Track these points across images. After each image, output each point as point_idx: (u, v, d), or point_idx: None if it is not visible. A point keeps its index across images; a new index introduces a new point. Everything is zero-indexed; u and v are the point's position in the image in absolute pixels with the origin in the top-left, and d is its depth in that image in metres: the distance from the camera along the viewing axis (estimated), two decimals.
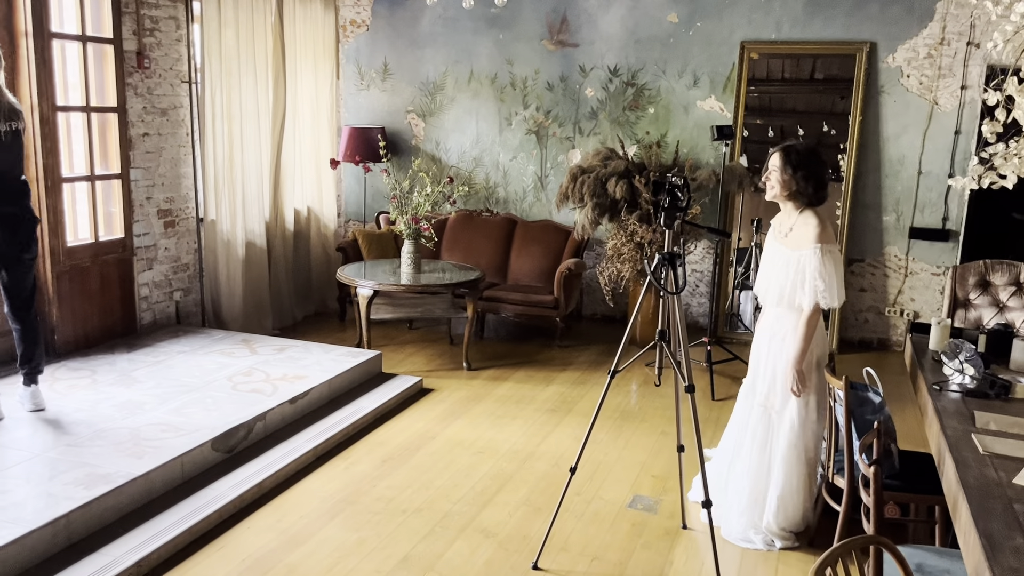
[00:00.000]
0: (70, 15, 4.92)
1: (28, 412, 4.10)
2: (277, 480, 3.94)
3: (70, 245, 5.00)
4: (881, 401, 3.22)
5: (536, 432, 4.71)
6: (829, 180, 3.46)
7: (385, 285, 5.55)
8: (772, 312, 3.56)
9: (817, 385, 3.50)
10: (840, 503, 3.30)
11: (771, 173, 3.43)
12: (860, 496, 3.14)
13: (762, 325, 3.64)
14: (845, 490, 3.26)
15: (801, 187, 3.36)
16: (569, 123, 7.02)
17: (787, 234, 3.45)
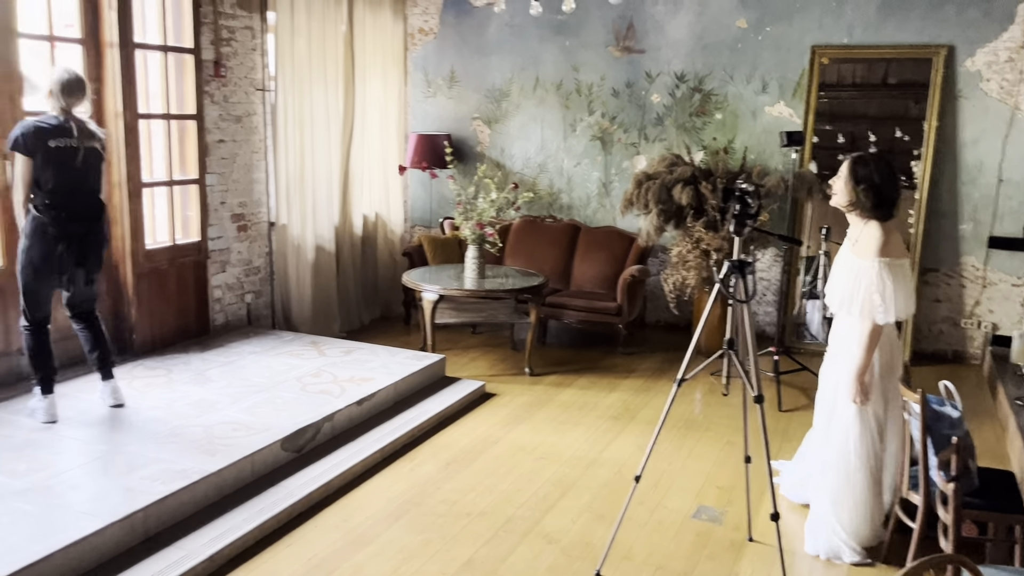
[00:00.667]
0: (152, 26, 5.10)
1: (109, 408, 4.24)
2: (344, 480, 4.01)
3: (149, 248, 5.18)
4: (959, 416, 3.13)
5: (599, 439, 4.69)
6: (898, 198, 3.43)
7: (450, 290, 5.60)
8: (839, 319, 3.57)
9: (883, 396, 3.44)
10: (914, 519, 3.21)
11: (837, 180, 3.47)
12: (936, 513, 3.05)
13: (832, 333, 3.61)
14: (920, 507, 3.16)
15: (862, 201, 3.38)
16: (634, 129, 6.98)
17: (855, 242, 3.47)
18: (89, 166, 4.05)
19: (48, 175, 3.92)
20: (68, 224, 3.98)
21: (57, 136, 3.91)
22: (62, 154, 3.92)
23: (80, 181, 4.02)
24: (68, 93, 3.94)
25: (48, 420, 4.08)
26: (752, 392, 3.18)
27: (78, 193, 4.02)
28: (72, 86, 3.95)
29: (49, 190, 3.92)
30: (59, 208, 3.94)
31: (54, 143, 3.90)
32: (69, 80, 3.95)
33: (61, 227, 3.96)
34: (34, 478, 3.48)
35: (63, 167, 3.93)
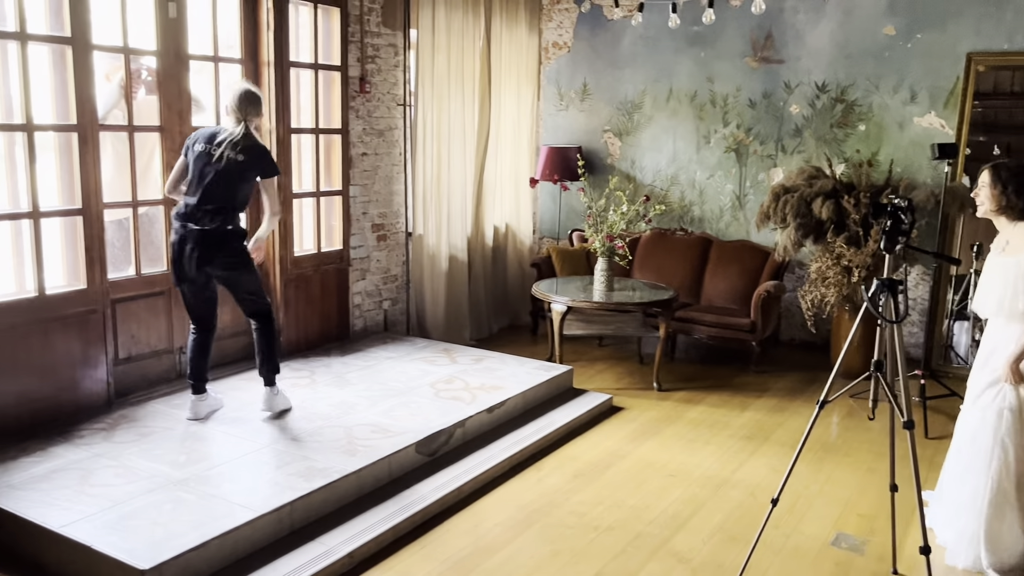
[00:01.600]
0: (305, 45, 5.39)
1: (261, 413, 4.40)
2: (475, 486, 4.10)
3: (296, 255, 5.47)
4: None
5: (731, 459, 4.59)
6: None
7: (578, 302, 5.63)
8: (992, 324, 3.46)
9: None
10: None
11: (981, 189, 3.48)
12: None
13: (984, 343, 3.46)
14: None
15: (1012, 201, 3.37)
16: (771, 141, 6.81)
17: (1004, 248, 3.40)
18: (227, 176, 4.07)
19: (189, 177, 4.13)
20: (181, 225, 4.08)
21: (202, 140, 4.09)
22: (200, 158, 4.08)
23: (212, 186, 4.05)
24: (241, 102, 4.08)
25: (191, 417, 4.28)
26: (902, 417, 3.04)
27: (207, 198, 4.06)
28: (242, 97, 4.10)
29: (185, 191, 4.14)
30: (187, 209, 4.08)
31: (198, 147, 4.09)
32: (240, 92, 4.11)
33: (184, 232, 4.08)
34: (193, 469, 3.74)
35: (197, 172, 4.08)
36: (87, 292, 4.28)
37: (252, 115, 4.14)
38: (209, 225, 4.07)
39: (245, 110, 4.12)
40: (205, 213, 4.07)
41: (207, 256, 4.11)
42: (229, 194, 4.12)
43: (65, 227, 4.26)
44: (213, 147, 4.07)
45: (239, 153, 4.08)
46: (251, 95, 4.15)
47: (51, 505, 3.34)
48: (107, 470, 3.68)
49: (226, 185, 4.09)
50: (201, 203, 4.08)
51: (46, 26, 4.08)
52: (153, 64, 4.66)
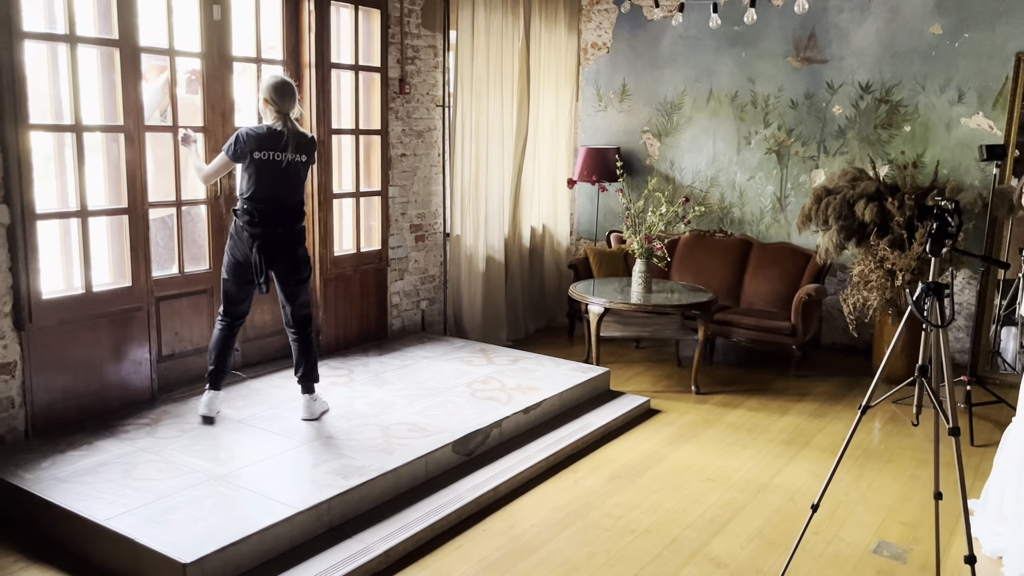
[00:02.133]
0: (346, 47, 5.45)
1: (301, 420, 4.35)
2: (510, 487, 4.10)
3: (336, 255, 5.52)
4: None
5: (770, 464, 4.53)
6: None
7: (616, 303, 5.60)
8: None
9: None
10: None
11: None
12: None
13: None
14: None
15: None
16: (813, 142, 6.72)
17: None
18: (292, 177, 4.17)
19: (251, 183, 4.11)
20: (262, 230, 4.10)
21: (265, 148, 4.06)
22: (266, 166, 4.08)
23: (280, 191, 4.13)
24: (281, 96, 4.06)
25: (206, 414, 4.26)
26: (947, 424, 2.97)
27: (277, 202, 4.12)
28: (284, 89, 4.08)
29: (249, 197, 4.12)
30: (256, 215, 4.10)
31: (259, 155, 4.06)
32: (280, 84, 4.08)
33: (255, 232, 4.11)
34: (233, 465, 3.79)
35: (265, 178, 4.09)
36: (132, 290, 4.37)
37: (292, 107, 4.16)
38: (292, 225, 4.21)
39: (288, 103, 4.13)
40: (284, 216, 4.18)
41: (292, 255, 4.23)
42: (301, 193, 4.29)
43: (111, 226, 4.35)
44: (279, 152, 4.09)
45: (298, 152, 4.17)
46: (290, 87, 4.13)
47: (96, 498, 3.41)
48: (150, 464, 3.75)
49: (298, 186, 4.24)
50: (279, 207, 4.15)
51: (95, 29, 4.17)
52: (197, 66, 4.73)
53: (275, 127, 4.11)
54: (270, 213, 4.13)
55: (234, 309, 4.31)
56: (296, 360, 4.41)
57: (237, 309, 4.32)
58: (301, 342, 4.39)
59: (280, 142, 4.10)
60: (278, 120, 4.12)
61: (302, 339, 4.39)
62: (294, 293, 4.33)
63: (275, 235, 4.16)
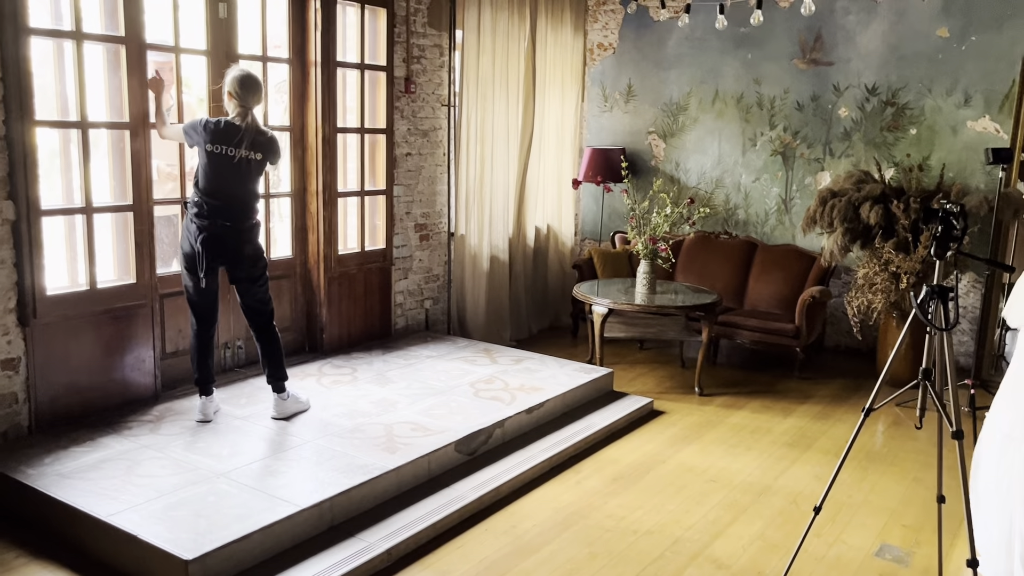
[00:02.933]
0: (352, 45, 5.45)
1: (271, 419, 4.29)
2: (513, 487, 4.10)
3: (341, 254, 5.52)
4: None
5: (772, 466, 4.52)
6: None
7: (620, 304, 5.59)
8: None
9: None
10: None
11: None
12: None
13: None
14: None
15: None
16: (819, 144, 6.70)
17: None
18: (244, 174, 4.09)
19: (202, 175, 4.07)
20: (208, 222, 4.03)
21: (218, 142, 4.02)
22: (218, 160, 4.03)
23: (230, 187, 4.07)
24: (245, 90, 4.02)
25: (200, 419, 4.22)
26: (950, 427, 2.96)
27: (225, 197, 4.06)
28: (249, 83, 4.03)
29: (200, 189, 4.09)
30: (204, 207, 4.03)
31: (211, 147, 4.01)
32: (245, 78, 4.04)
33: (201, 225, 4.04)
34: (235, 462, 3.79)
35: (216, 171, 4.04)
36: (137, 287, 4.38)
37: (256, 102, 4.12)
38: (240, 222, 4.13)
39: (250, 98, 4.07)
40: (232, 211, 4.10)
41: (239, 251, 4.15)
42: (252, 191, 4.21)
43: (116, 222, 4.36)
44: (231, 148, 4.05)
45: (254, 150, 4.11)
46: (255, 81, 4.10)
47: (99, 494, 3.41)
48: (153, 461, 3.76)
49: (249, 183, 4.17)
50: (227, 202, 4.09)
51: (101, 25, 4.18)
52: (204, 63, 4.74)
53: (234, 121, 4.08)
54: (217, 207, 4.06)
55: (195, 308, 4.23)
56: (261, 359, 4.37)
57: (198, 308, 4.22)
58: (262, 341, 4.34)
59: (235, 138, 4.06)
60: (239, 115, 4.08)
61: (263, 337, 4.34)
62: (248, 291, 4.28)
63: (221, 229, 4.08)
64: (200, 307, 4.24)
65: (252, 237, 4.23)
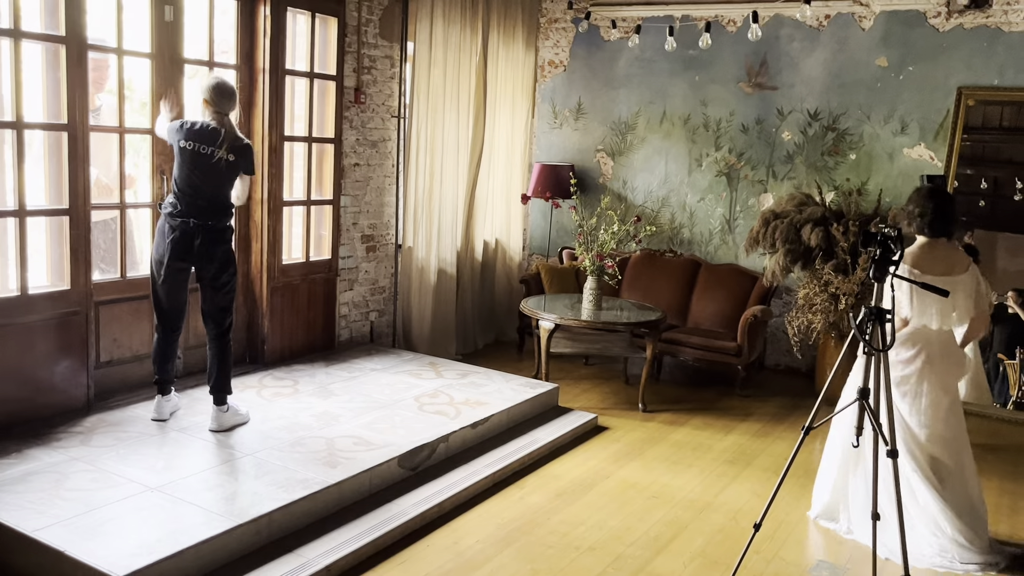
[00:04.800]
0: (301, 53, 5.39)
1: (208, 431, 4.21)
2: (456, 502, 4.06)
3: (284, 263, 5.43)
4: None
5: (713, 483, 4.57)
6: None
7: (566, 319, 5.61)
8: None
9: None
10: None
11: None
12: None
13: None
14: None
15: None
16: (762, 166, 6.85)
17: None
18: (219, 173, 4.09)
19: (177, 173, 4.07)
20: (180, 220, 4.02)
21: (194, 139, 4.02)
22: (193, 157, 4.02)
23: (203, 184, 4.06)
24: (220, 97, 4.05)
25: (156, 418, 4.26)
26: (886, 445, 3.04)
27: (198, 194, 4.05)
28: (223, 90, 4.07)
29: (175, 187, 4.09)
30: (178, 204, 4.04)
31: (185, 144, 4.02)
32: (220, 85, 4.07)
33: (173, 224, 4.03)
34: (170, 476, 3.68)
35: (190, 169, 4.03)
36: (70, 293, 4.24)
37: (231, 109, 4.14)
38: (211, 221, 4.11)
39: (226, 104, 4.09)
40: (204, 210, 4.08)
41: (208, 251, 4.11)
42: (226, 192, 4.20)
43: (51, 227, 4.22)
44: (208, 147, 4.04)
45: (230, 152, 4.10)
46: (229, 88, 4.12)
47: (24, 508, 3.28)
48: (83, 474, 3.63)
49: (223, 183, 4.16)
50: (200, 200, 4.08)
51: (41, 24, 4.06)
52: (147, 67, 4.63)
53: (212, 124, 4.09)
54: (190, 205, 4.06)
55: (160, 311, 4.22)
56: (209, 369, 4.30)
57: (162, 311, 4.22)
58: (216, 349, 4.27)
59: (212, 138, 4.06)
60: (216, 120, 4.09)
61: (217, 346, 4.27)
62: (212, 297, 4.23)
63: (192, 226, 4.06)
64: (166, 310, 4.22)
65: (224, 238, 4.22)
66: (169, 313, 4.25)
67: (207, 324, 4.29)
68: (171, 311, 4.25)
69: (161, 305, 4.23)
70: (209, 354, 4.31)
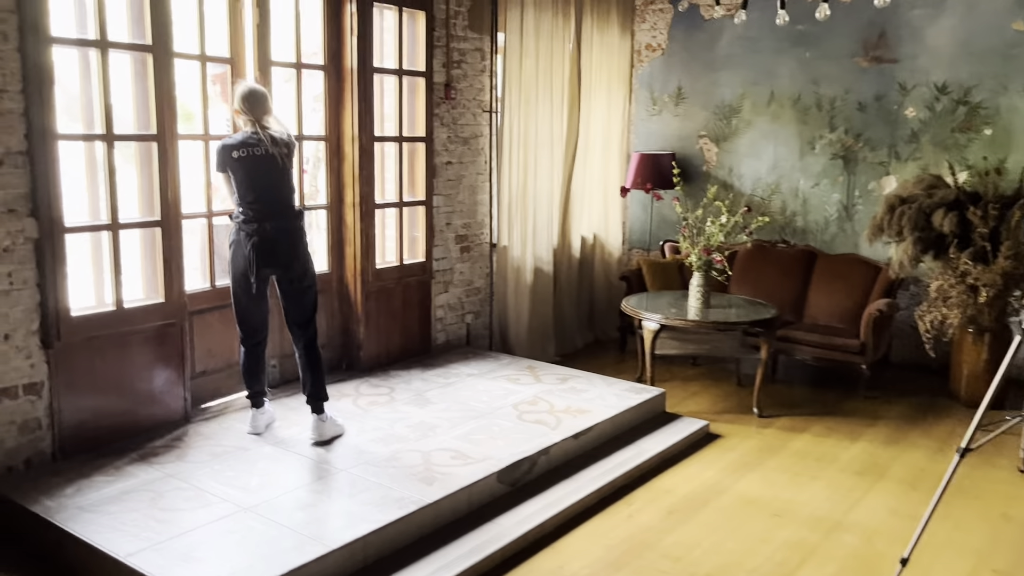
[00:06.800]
0: (389, 51, 5.22)
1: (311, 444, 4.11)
2: (559, 521, 3.80)
3: (378, 267, 5.29)
4: None
5: (842, 498, 4.16)
6: None
7: (673, 319, 5.26)
8: None
9: None
10: None
11: None
12: None
13: None
14: None
15: None
16: (883, 147, 6.30)
17: None
18: (275, 168, 4.02)
19: (239, 185, 4.00)
20: (257, 225, 3.96)
21: (239, 147, 3.97)
22: (247, 162, 3.97)
23: (267, 183, 4.00)
24: (252, 104, 3.99)
25: (252, 432, 4.20)
26: None
27: (266, 194, 4.00)
28: (254, 97, 4.01)
29: (241, 199, 4.01)
30: (250, 212, 3.97)
31: (237, 153, 3.96)
32: (250, 92, 4.01)
33: (250, 230, 3.96)
34: (264, 494, 3.56)
35: (250, 174, 3.98)
36: (165, 305, 4.18)
37: (265, 112, 4.05)
38: (285, 222, 4.04)
39: (259, 109, 4.02)
40: (275, 212, 4.02)
41: (291, 252, 4.05)
42: (289, 189, 4.13)
43: (144, 239, 4.18)
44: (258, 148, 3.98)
45: (280, 146, 4.04)
46: (260, 94, 4.05)
47: (119, 530, 3.21)
48: (177, 492, 3.55)
49: (284, 181, 4.09)
50: (268, 203, 4.01)
51: (128, 33, 4.00)
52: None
53: (249, 130, 4.02)
54: (260, 210, 3.99)
55: (246, 325, 4.17)
56: (302, 377, 4.24)
57: (249, 325, 4.17)
58: (306, 357, 4.20)
59: (255, 142, 3.99)
60: (250, 126, 4.03)
61: (306, 354, 4.20)
62: (299, 304, 4.16)
63: (269, 229, 3.99)
64: (250, 321, 4.17)
65: (301, 237, 4.14)
66: (254, 325, 4.19)
67: (293, 333, 4.22)
68: (256, 322, 4.19)
69: (245, 317, 4.16)
70: (300, 363, 4.24)
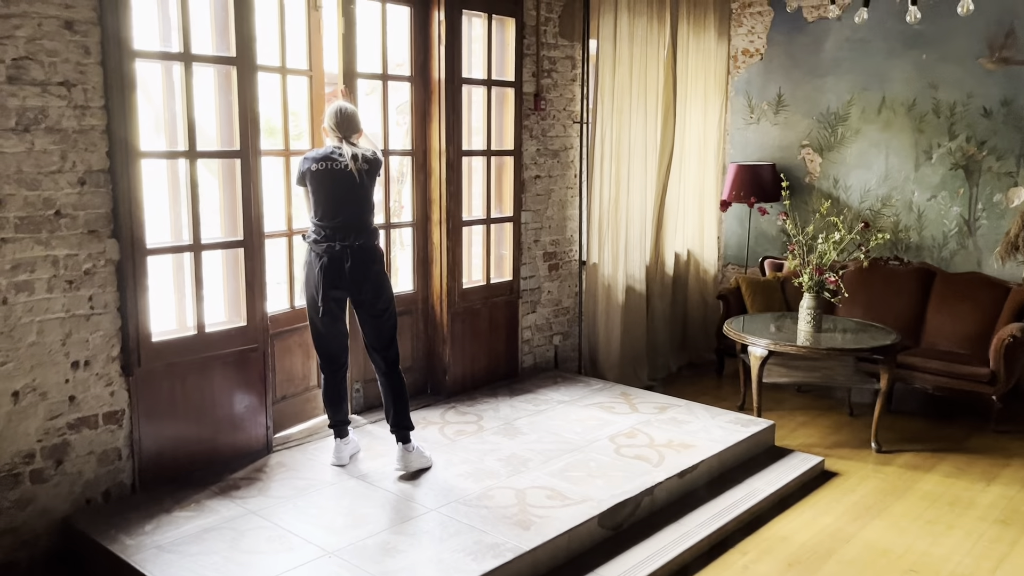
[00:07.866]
0: (478, 60, 4.97)
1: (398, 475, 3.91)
2: (667, 572, 3.46)
3: (464, 287, 5.03)
4: None
5: (985, 551, 3.69)
6: None
7: (782, 345, 4.85)
8: None
9: None
10: None
11: None
12: None
13: None
14: None
15: None
16: (1011, 156, 5.75)
17: None
18: (356, 184, 3.84)
19: (315, 200, 3.86)
20: (327, 245, 3.80)
21: (320, 160, 3.83)
22: (324, 177, 3.81)
23: (342, 203, 3.84)
24: (340, 124, 3.86)
25: (335, 463, 4.01)
26: None
27: (343, 214, 3.83)
28: (343, 118, 3.87)
29: (314, 216, 3.87)
30: (322, 231, 3.82)
31: (315, 167, 3.82)
32: (340, 112, 3.88)
33: (320, 251, 3.81)
34: (349, 536, 3.32)
35: (327, 190, 3.82)
36: (247, 329, 4.00)
37: (354, 132, 3.90)
38: (357, 241, 3.83)
39: (347, 128, 3.87)
40: (348, 230, 3.82)
41: (360, 274, 3.83)
42: (366, 207, 3.93)
43: (227, 260, 4.01)
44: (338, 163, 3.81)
45: (362, 162, 3.87)
46: (350, 115, 3.91)
47: (198, 574, 3.00)
48: (259, 532, 3.34)
49: (362, 197, 3.89)
50: (342, 220, 3.82)
51: (212, 46, 3.85)
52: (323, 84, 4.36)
53: (333, 144, 3.88)
54: (333, 228, 3.82)
55: (324, 352, 4.01)
56: (385, 405, 4.04)
57: (326, 351, 4.00)
58: (387, 383, 3.99)
59: (336, 157, 3.83)
60: (338, 142, 3.88)
61: (388, 380, 3.99)
62: (375, 328, 3.95)
63: (339, 249, 3.80)
64: (328, 346, 4.00)
65: (374, 257, 3.91)
66: (332, 351, 4.02)
67: (373, 358, 4.02)
68: (333, 349, 4.02)
69: (322, 343, 4.00)
70: (382, 390, 4.03)
